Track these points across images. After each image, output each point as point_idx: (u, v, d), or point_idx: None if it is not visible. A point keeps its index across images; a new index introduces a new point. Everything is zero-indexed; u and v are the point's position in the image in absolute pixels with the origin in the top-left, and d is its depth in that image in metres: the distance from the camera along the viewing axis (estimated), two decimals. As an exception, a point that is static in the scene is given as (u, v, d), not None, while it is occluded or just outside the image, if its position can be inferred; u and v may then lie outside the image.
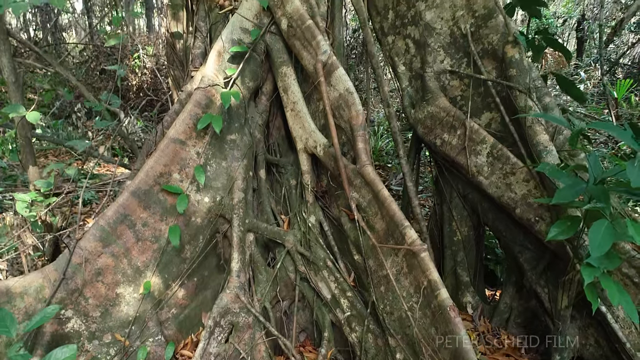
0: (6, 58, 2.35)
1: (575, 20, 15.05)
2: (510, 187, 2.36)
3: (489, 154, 2.42)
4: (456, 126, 2.54)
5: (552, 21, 15.07)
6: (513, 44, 2.33)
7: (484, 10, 2.46)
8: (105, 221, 2.07)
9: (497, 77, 2.47)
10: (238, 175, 2.38)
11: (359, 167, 2.13)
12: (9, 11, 2.15)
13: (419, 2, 2.70)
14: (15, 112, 2.27)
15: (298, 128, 2.44)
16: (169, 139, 2.21)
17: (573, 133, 1.62)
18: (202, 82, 2.27)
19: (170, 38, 2.89)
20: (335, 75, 2.23)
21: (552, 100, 2.31)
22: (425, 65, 2.70)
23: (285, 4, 2.29)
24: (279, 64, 2.43)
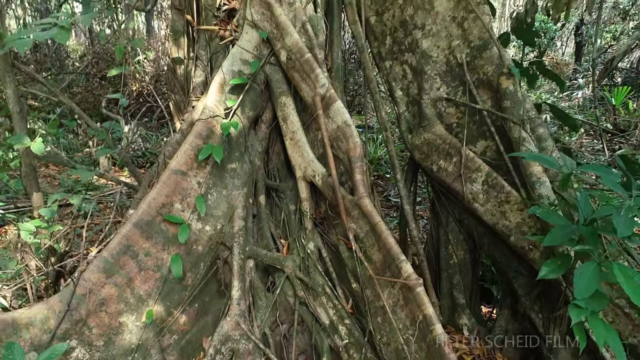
0: (11, 89, 2.40)
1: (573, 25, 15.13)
2: (505, 215, 2.41)
3: (484, 182, 2.47)
4: (452, 153, 2.59)
5: (551, 25, 15.13)
6: (507, 75, 2.38)
7: (479, 41, 2.51)
8: (108, 253, 2.12)
9: (492, 107, 2.52)
10: (238, 203, 2.43)
11: (356, 199, 2.18)
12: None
13: (415, 30, 2.75)
14: (20, 143, 2.32)
15: (297, 157, 2.49)
16: (170, 171, 2.26)
17: (563, 177, 1.67)
18: (203, 114, 2.32)
19: (171, 63, 2.93)
20: (334, 108, 2.28)
21: (545, 131, 2.36)
22: (422, 92, 2.75)
23: (285, 37, 2.34)
24: (278, 94, 2.48)
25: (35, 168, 2.57)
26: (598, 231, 1.63)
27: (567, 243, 1.64)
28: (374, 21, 2.99)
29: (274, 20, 2.35)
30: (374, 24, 3.00)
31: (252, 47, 2.43)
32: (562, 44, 15.53)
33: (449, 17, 2.62)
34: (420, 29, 2.73)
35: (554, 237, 1.60)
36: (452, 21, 2.61)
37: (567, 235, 1.61)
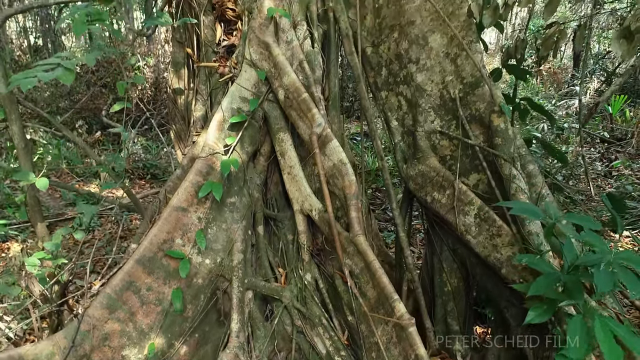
0: (16, 126, 2.47)
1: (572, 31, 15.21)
2: (497, 248, 2.48)
3: (476, 215, 2.54)
4: (445, 186, 2.66)
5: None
6: (499, 113, 2.45)
7: (471, 78, 2.58)
8: (111, 289, 2.20)
9: (484, 142, 2.59)
10: (237, 237, 2.50)
11: (351, 236, 2.25)
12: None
13: (410, 64, 2.82)
14: (25, 180, 2.39)
15: (294, 190, 2.56)
16: (171, 208, 2.33)
17: (547, 228, 1.74)
18: (203, 151, 2.39)
19: (172, 94, 3.00)
20: (330, 147, 2.35)
21: (535, 168, 2.44)
22: (416, 124, 2.82)
23: (282, 77, 2.41)
24: (276, 130, 2.55)
25: (39, 200, 2.65)
26: (581, 279, 1.70)
27: (552, 293, 1.70)
28: (370, 52, 3.06)
29: (272, 59, 2.42)
30: (370, 54, 3.07)
31: (251, 85, 2.50)
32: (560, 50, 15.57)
33: (443, 53, 2.68)
34: (415, 63, 2.79)
35: (539, 287, 1.67)
36: (445, 57, 2.68)
37: (551, 283, 1.68)
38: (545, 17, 2.28)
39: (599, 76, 13.71)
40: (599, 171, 8.17)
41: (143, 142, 9.01)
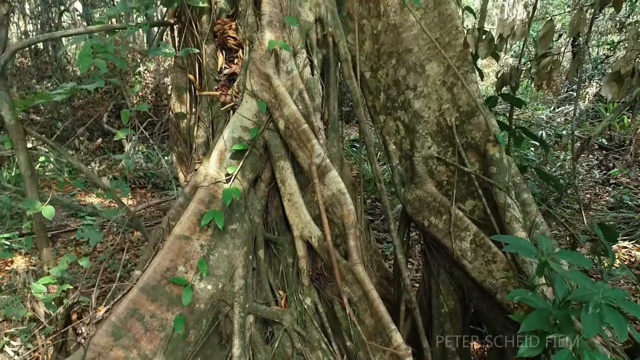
0: (23, 155, 2.53)
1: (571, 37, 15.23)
2: (492, 274, 2.54)
3: (472, 241, 2.60)
4: (442, 211, 2.73)
5: (548, 35, 15.21)
6: (494, 142, 2.51)
7: (467, 107, 2.64)
8: (116, 317, 2.26)
9: (479, 169, 2.65)
10: (239, 263, 2.56)
11: (350, 265, 2.31)
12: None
13: (407, 90, 2.88)
14: (32, 208, 2.46)
15: (294, 217, 2.62)
16: (174, 236, 2.39)
17: (538, 266, 1.81)
18: (205, 180, 2.45)
19: (174, 118, 3.06)
20: (329, 177, 2.41)
21: (529, 197, 2.50)
22: (414, 149, 2.88)
23: (282, 107, 2.46)
24: (276, 158, 2.61)
25: (45, 226, 2.71)
26: (572, 314, 1.76)
27: (545, 326, 1.76)
28: (368, 77, 3.12)
29: (273, 90, 2.47)
30: (368, 79, 3.13)
31: (252, 114, 2.56)
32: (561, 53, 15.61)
33: (440, 82, 2.74)
34: (412, 90, 2.85)
35: (532, 323, 1.73)
36: (442, 85, 2.74)
37: (542, 319, 1.74)
38: (540, 51, 2.34)
39: (598, 81, 13.76)
40: (596, 179, 8.23)
41: (144, 150, 9.05)
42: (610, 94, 1.82)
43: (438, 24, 2.70)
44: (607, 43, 14.50)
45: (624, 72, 1.73)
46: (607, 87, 1.81)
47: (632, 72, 1.73)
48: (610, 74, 1.81)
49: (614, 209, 6.62)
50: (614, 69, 1.81)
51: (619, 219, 6.24)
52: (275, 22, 2.51)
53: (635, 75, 1.72)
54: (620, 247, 5.56)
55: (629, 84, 1.76)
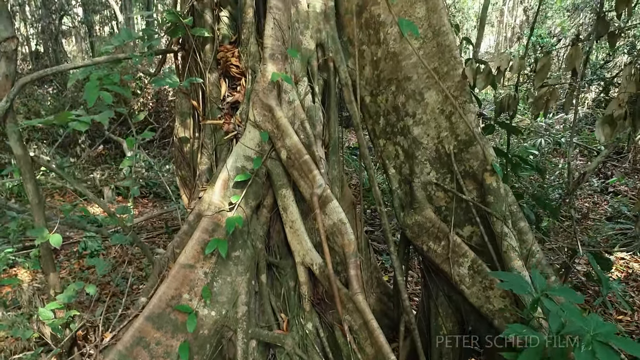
0: (31, 184, 2.58)
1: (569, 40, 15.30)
2: (489, 300, 2.60)
3: (470, 267, 2.66)
4: (441, 237, 2.78)
5: (548, 40, 15.31)
6: (491, 172, 2.57)
7: (465, 136, 2.70)
8: (123, 345, 2.31)
9: (477, 197, 2.70)
10: (242, 289, 2.62)
11: (351, 294, 2.37)
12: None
13: (407, 117, 2.93)
14: (40, 237, 2.51)
15: (296, 244, 2.68)
16: (179, 265, 2.45)
17: (531, 303, 1.86)
18: (209, 210, 2.51)
19: (178, 142, 3.12)
20: (330, 207, 2.46)
21: (526, 225, 2.56)
22: (413, 175, 2.93)
23: (285, 138, 2.52)
24: (279, 186, 2.66)
25: (51, 250, 2.76)
26: (566, 350, 1.82)
27: (539, 360, 1.82)
28: (368, 101, 3.18)
29: (275, 121, 2.53)
30: (368, 103, 3.18)
31: (255, 144, 2.62)
32: (559, 59, 15.69)
33: (438, 110, 2.80)
34: (412, 117, 2.91)
35: (527, 359, 1.79)
36: (441, 113, 2.79)
37: (537, 355, 1.80)
38: (536, 83, 2.40)
39: (597, 86, 13.81)
40: (595, 187, 8.29)
41: (145, 158, 9.09)
42: (603, 136, 1.87)
43: (437, 54, 2.76)
44: (605, 47, 14.54)
45: (616, 116, 1.79)
46: (600, 129, 1.87)
47: (624, 115, 1.78)
48: (603, 117, 1.87)
49: (612, 219, 6.68)
50: (607, 112, 1.87)
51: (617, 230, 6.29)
52: (277, 55, 2.56)
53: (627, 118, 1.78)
54: (618, 259, 5.62)
55: (621, 126, 1.81)
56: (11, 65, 2.36)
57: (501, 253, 2.50)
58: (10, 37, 2.31)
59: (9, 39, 2.31)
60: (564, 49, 15.87)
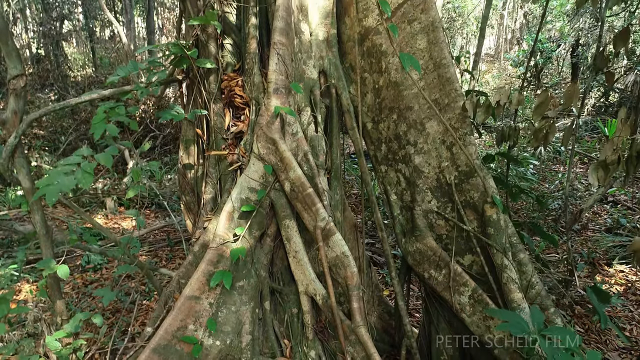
0: (39, 215, 2.63)
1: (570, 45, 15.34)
2: (489, 330, 2.64)
3: (470, 297, 2.70)
4: (442, 265, 2.83)
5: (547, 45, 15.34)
6: (491, 204, 2.61)
7: (466, 167, 2.74)
8: (130, 378, 2.36)
9: (477, 227, 2.75)
10: (246, 319, 2.66)
11: (354, 327, 2.41)
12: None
13: (408, 145, 2.97)
14: (48, 269, 2.56)
15: (299, 273, 2.72)
16: (185, 297, 2.49)
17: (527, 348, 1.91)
18: (214, 242, 2.55)
19: (182, 169, 3.16)
20: (333, 239, 2.51)
21: (526, 257, 2.60)
22: (414, 203, 2.97)
23: (288, 171, 2.56)
24: (282, 217, 2.71)
25: (59, 280, 2.80)
26: (564, 391, 1.86)
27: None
28: (370, 127, 3.22)
29: (279, 155, 2.57)
30: (370, 129, 3.23)
31: (259, 176, 2.66)
32: (559, 64, 15.74)
33: (439, 140, 2.84)
34: (413, 146, 2.95)
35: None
36: (442, 144, 2.84)
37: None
38: (534, 119, 2.44)
39: (597, 91, 13.84)
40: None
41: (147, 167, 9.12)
42: (597, 180, 1.91)
43: (437, 86, 2.80)
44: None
45: (609, 161, 1.83)
46: (594, 174, 1.91)
47: (617, 160, 1.82)
48: (596, 162, 1.91)
49: (611, 230, 6.72)
50: (600, 157, 1.90)
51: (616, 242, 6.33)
52: (281, 89, 2.61)
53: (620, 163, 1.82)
54: (617, 271, 5.66)
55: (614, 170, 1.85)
56: (20, 102, 2.40)
57: (501, 284, 2.54)
58: (20, 74, 2.35)
59: (18, 76, 2.36)
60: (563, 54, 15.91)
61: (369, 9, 3.06)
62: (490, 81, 21.51)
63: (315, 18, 3.14)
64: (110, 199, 7.22)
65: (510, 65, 18.07)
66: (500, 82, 21.46)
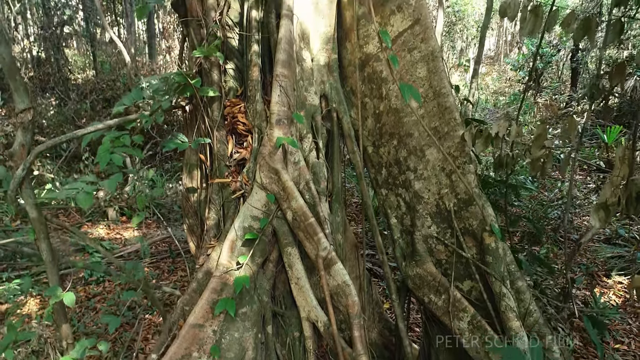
0: (45, 243, 2.67)
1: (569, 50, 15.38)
2: (488, 355, 2.69)
3: (469, 322, 2.75)
4: (441, 291, 2.87)
5: (547, 50, 15.38)
6: (490, 232, 2.66)
7: (465, 195, 2.78)
8: (135, 406, 2.40)
9: (476, 254, 2.79)
10: (249, 345, 2.71)
11: (355, 355, 2.46)
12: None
13: (408, 171, 3.02)
14: (54, 297, 2.60)
15: (301, 300, 2.77)
16: (189, 325, 2.54)
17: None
18: (217, 270, 2.60)
19: (185, 192, 3.21)
20: (334, 269, 2.55)
21: (524, 285, 2.64)
22: (414, 227, 3.02)
23: (291, 200, 2.61)
24: (284, 244, 2.75)
25: (65, 305, 2.85)
26: None
27: None
28: (370, 151, 3.27)
29: (281, 184, 2.62)
30: (370, 153, 3.27)
31: (261, 204, 2.71)
32: (559, 69, 15.78)
33: (439, 167, 2.89)
34: (413, 172, 3.00)
35: None
36: (441, 171, 2.88)
37: None
38: (533, 152, 2.48)
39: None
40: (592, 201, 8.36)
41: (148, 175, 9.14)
42: (599, 221, 1.96)
43: (437, 114, 2.84)
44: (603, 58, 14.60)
45: (610, 203, 1.88)
46: (595, 215, 1.95)
47: (617, 202, 1.87)
48: (597, 204, 1.96)
49: (610, 241, 6.76)
50: (601, 199, 1.95)
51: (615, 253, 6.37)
52: (283, 120, 2.65)
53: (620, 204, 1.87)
54: (615, 283, 5.70)
55: (615, 211, 1.90)
56: (27, 135, 2.44)
57: (499, 312, 2.59)
58: (27, 108, 2.40)
59: (25, 110, 2.40)
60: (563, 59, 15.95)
61: (370, 35, 3.10)
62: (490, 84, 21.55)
63: (317, 44, 3.19)
64: (112, 208, 7.26)
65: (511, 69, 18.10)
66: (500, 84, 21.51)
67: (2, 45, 2.28)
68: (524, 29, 2.36)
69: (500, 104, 16.65)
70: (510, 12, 2.39)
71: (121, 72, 13.81)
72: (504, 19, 2.49)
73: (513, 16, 2.39)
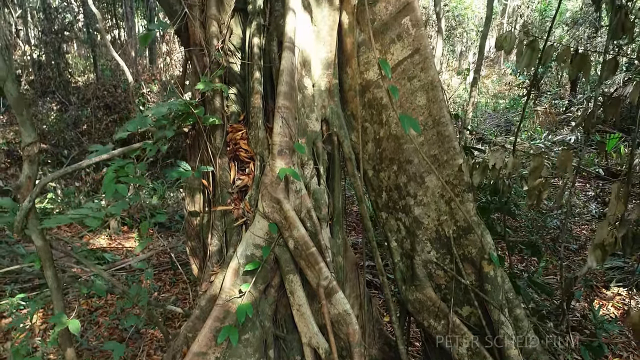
0: (50, 271, 2.72)
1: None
2: (487, 381, 2.73)
3: (468, 348, 2.79)
4: (441, 316, 2.92)
5: (547, 54, 15.38)
6: (488, 261, 2.70)
7: (464, 223, 2.83)
8: None
9: (475, 280, 2.84)
10: (251, 371, 2.75)
11: (355, 383, 2.50)
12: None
13: (408, 197, 3.06)
14: (60, 324, 2.65)
15: (303, 326, 2.81)
16: (192, 354, 2.58)
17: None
18: (220, 298, 2.65)
19: (187, 215, 3.25)
20: (335, 298, 2.60)
21: (522, 313, 2.69)
22: (414, 252, 3.06)
23: (292, 229, 2.65)
24: (286, 272, 2.80)
25: (70, 330, 2.89)
26: None
27: None
28: (371, 175, 3.31)
29: (283, 213, 2.66)
30: (371, 177, 3.32)
31: (263, 233, 2.75)
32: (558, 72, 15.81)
33: (438, 194, 2.93)
34: (413, 197, 3.04)
35: None
36: (441, 198, 2.92)
37: None
38: (530, 183, 2.53)
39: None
40: (593, 214, 8.40)
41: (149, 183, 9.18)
42: (596, 260, 2.00)
43: (437, 142, 2.89)
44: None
45: (607, 243, 1.92)
46: (592, 255, 2.00)
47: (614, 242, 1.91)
48: (594, 244, 2.00)
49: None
50: (597, 239, 2.00)
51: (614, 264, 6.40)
52: (285, 150, 2.69)
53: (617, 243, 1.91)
54: (614, 294, 5.74)
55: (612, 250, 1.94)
56: (33, 167, 2.49)
57: (498, 338, 2.63)
58: (33, 142, 2.44)
59: (32, 143, 2.44)
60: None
61: (370, 62, 3.14)
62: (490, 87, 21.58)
63: (318, 69, 3.23)
64: (113, 219, 7.30)
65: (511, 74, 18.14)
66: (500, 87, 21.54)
67: (9, 81, 2.32)
68: (519, 63, 2.41)
69: (500, 108, 16.69)
70: (506, 46, 2.43)
71: (122, 78, 13.84)
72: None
73: (509, 50, 2.43)
